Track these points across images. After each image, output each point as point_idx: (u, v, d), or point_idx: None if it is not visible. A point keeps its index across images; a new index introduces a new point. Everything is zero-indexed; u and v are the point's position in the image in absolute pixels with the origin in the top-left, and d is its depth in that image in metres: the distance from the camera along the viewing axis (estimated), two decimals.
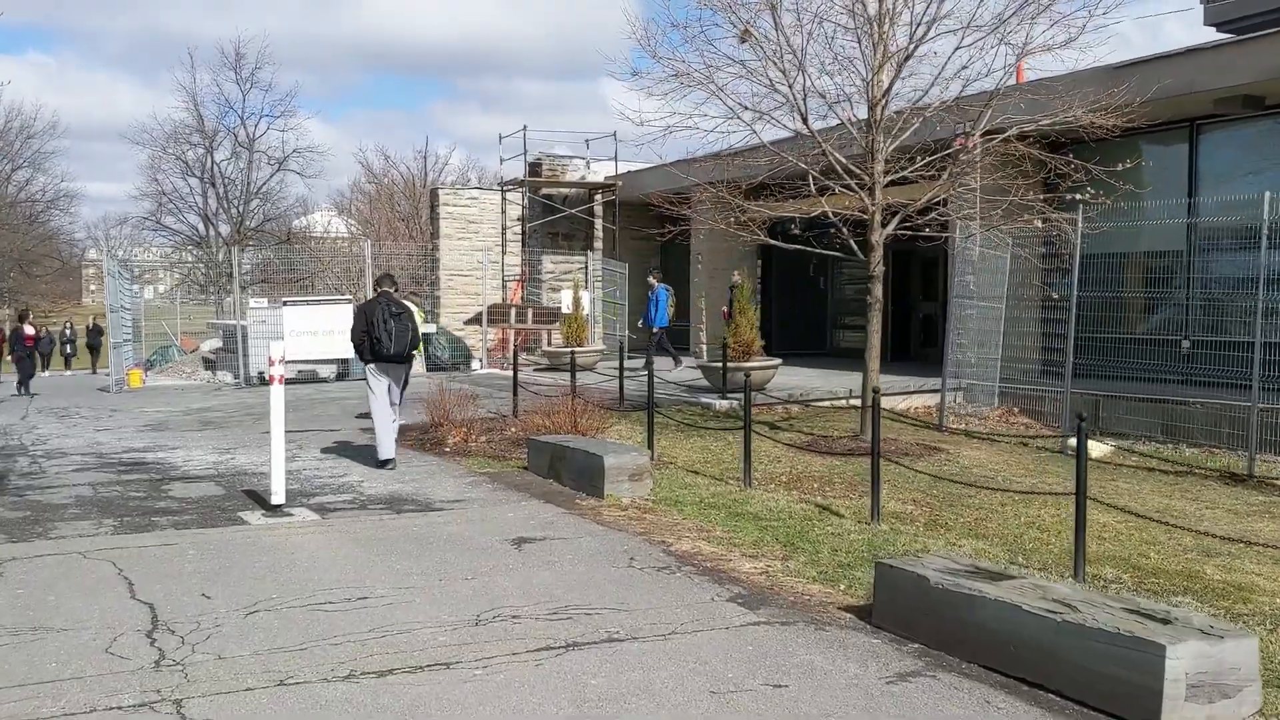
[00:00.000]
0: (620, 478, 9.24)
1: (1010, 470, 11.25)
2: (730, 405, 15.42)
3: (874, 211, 11.94)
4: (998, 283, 15.87)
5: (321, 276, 43.22)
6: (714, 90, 12.08)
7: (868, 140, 11.90)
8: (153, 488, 9.91)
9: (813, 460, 11.37)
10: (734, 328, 16.39)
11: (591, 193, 27.42)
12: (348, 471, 10.73)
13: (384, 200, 60.24)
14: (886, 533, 8.15)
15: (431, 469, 10.84)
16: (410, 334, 11.17)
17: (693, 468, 10.94)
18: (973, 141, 11.78)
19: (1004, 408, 16.17)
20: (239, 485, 10.03)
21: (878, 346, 12.54)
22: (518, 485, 9.90)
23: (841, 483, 10.19)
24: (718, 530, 8.15)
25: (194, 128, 62.31)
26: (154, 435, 13.88)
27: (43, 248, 68.48)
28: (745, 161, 12.96)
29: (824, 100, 12.10)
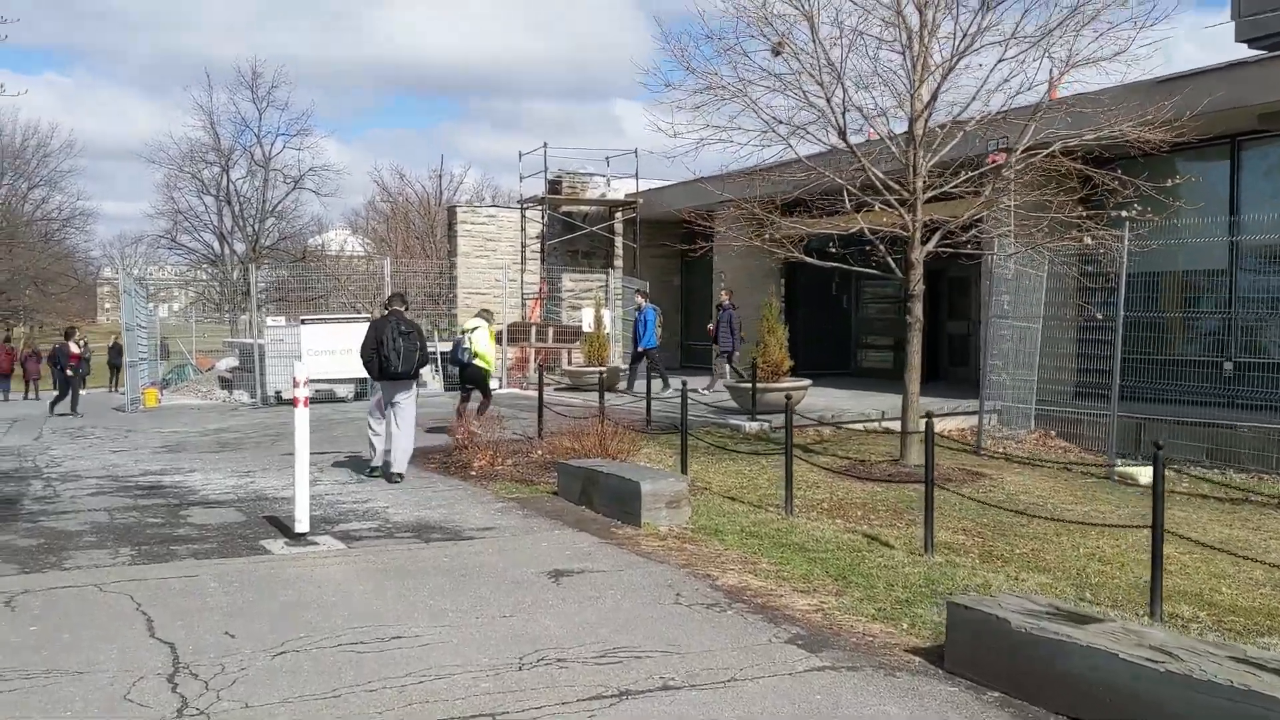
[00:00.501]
0: (658, 505, 8.85)
1: (1058, 497, 10.81)
2: (761, 427, 15.03)
3: (914, 228, 11.55)
4: (1034, 302, 15.46)
5: (337, 294, 43.02)
6: (748, 103, 11.73)
7: (907, 155, 11.52)
8: (171, 513, 9.55)
9: (853, 486, 10.95)
10: (763, 348, 16.00)
11: (612, 210, 27.11)
12: (372, 496, 10.35)
13: (399, 219, 60.13)
14: (942, 565, 7.73)
15: (458, 494, 10.46)
16: (418, 353, 11.38)
17: (729, 493, 10.54)
18: (1014, 157, 11.38)
19: (1040, 431, 15.74)
20: (260, 511, 9.67)
21: (918, 368, 12.12)
22: (549, 512, 9.51)
23: (886, 510, 9.78)
24: (764, 562, 7.75)
25: (210, 146, 62.34)
26: (171, 457, 13.55)
27: (58, 266, 68.52)
28: (779, 177, 12.59)
29: (861, 115, 11.74)
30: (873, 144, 11.99)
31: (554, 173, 26.78)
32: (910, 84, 11.46)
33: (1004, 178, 11.49)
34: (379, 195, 64.10)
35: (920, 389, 19.56)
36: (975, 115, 11.68)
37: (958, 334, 22.23)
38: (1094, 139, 11.43)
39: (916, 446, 12.07)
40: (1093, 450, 14.67)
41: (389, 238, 55.25)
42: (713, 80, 11.87)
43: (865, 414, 16.02)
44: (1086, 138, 11.49)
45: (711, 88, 11.79)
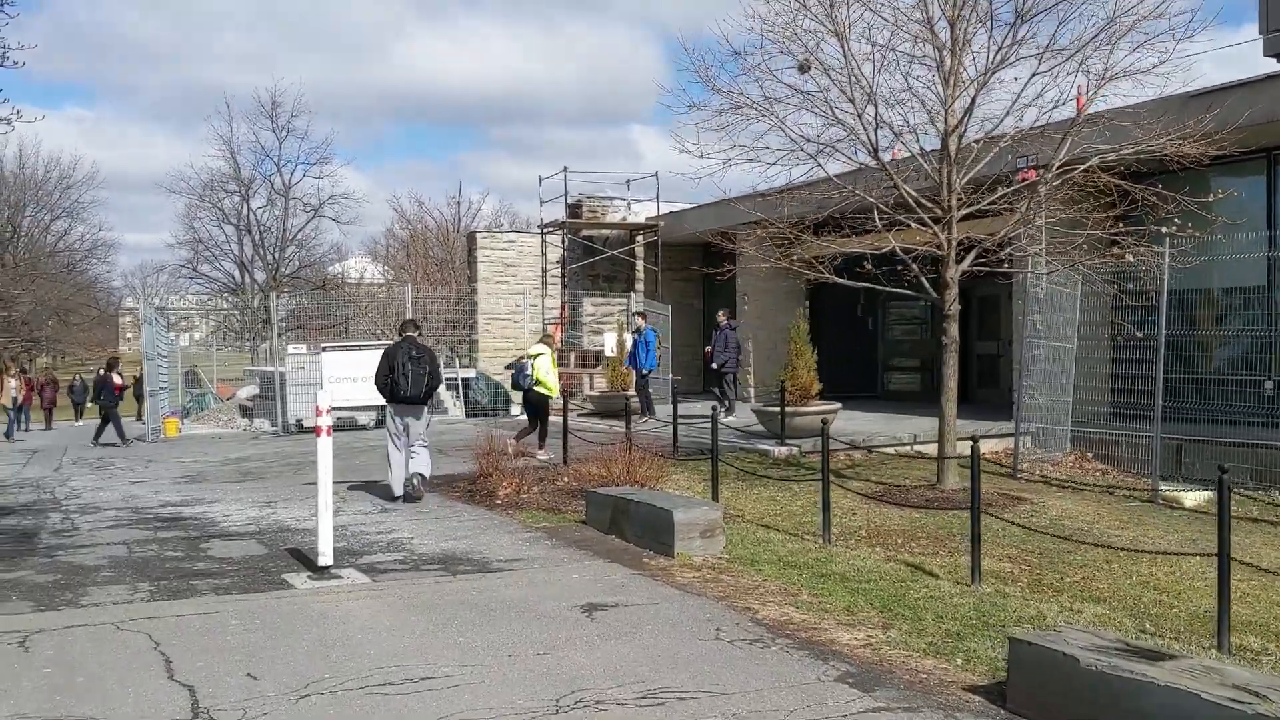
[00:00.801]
0: (691, 534, 8.56)
1: (1103, 523, 10.45)
2: (790, 452, 14.71)
3: (948, 247, 11.26)
4: (1067, 321, 15.13)
5: (357, 322, 42.93)
6: (776, 122, 11.50)
7: (940, 172, 11.25)
8: (191, 546, 9.31)
9: (889, 513, 10.62)
10: (791, 370, 15.70)
11: (633, 234, 26.92)
12: (395, 527, 10.09)
13: (418, 246, 60.17)
14: (991, 596, 7.41)
15: (484, 523, 10.19)
16: (427, 378, 11.64)
17: (762, 521, 10.24)
18: (1050, 172, 11.09)
19: (1077, 453, 15.36)
20: (282, 543, 9.42)
21: (954, 390, 11.81)
22: (578, 542, 9.23)
23: (927, 538, 9.45)
24: (804, 594, 7.44)
25: (230, 175, 62.63)
26: (191, 488, 13.33)
27: (79, 296, 68.89)
28: (808, 196, 12.34)
29: (892, 131, 11.48)
30: (904, 161, 11.72)
31: (574, 197, 26.62)
32: (943, 99, 11.21)
33: (1039, 194, 11.19)
34: (398, 223, 64.22)
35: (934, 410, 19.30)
36: (1009, 131, 11.41)
37: (987, 354, 21.88)
38: (1132, 153, 11.13)
39: (954, 471, 11.76)
40: (1132, 472, 14.29)
41: (408, 265, 55.27)
42: (739, 99, 11.64)
43: (897, 438, 15.68)
44: (1124, 152, 11.19)
45: (738, 107, 11.57)
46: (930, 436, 16.06)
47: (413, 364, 11.54)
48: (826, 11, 11.11)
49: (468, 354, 29.17)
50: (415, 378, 11.52)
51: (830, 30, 11.19)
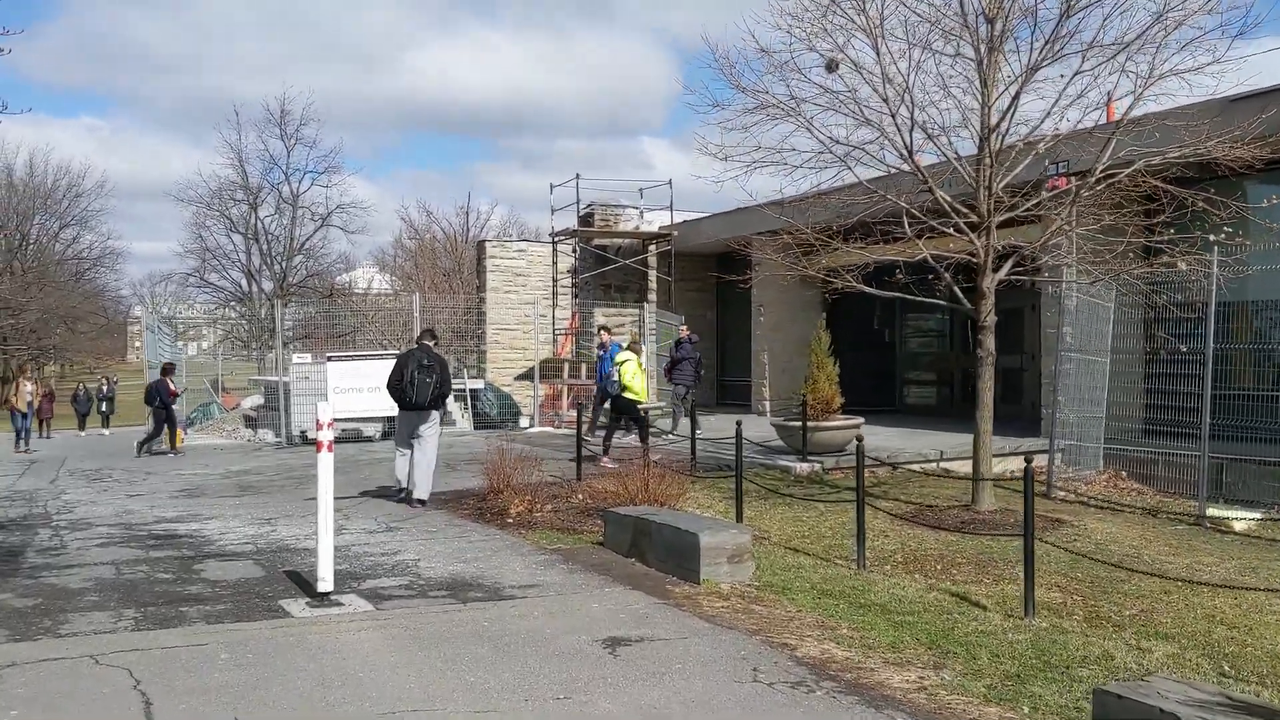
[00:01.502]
0: (718, 559, 7.97)
1: (1152, 548, 9.85)
2: (813, 469, 14.13)
3: (985, 255, 10.69)
4: (1100, 334, 14.54)
5: (365, 332, 42.43)
6: (803, 122, 10.94)
7: (977, 176, 10.68)
8: (183, 567, 8.75)
9: (924, 535, 10.03)
10: (812, 384, 15.12)
11: (645, 243, 26.37)
12: (401, 547, 9.51)
13: (426, 256, 59.77)
14: (1048, 631, 6.81)
15: (495, 545, 9.61)
16: (433, 387, 11.90)
17: (790, 544, 9.65)
18: (1094, 176, 10.51)
19: (1110, 471, 14.76)
20: (280, 564, 8.84)
21: (990, 405, 11.22)
22: (596, 565, 8.64)
23: (967, 563, 8.85)
24: (844, 628, 6.85)
25: (239, 184, 62.29)
26: (188, 503, 12.77)
27: (87, 305, 68.59)
28: (840, 199, 11.76)
29: (925, 134, 10.90)
30: (938, 165, 11.15)
31: (586, 205, 26.09)
32: (981, 98, 10.65)
33: (1081, 198, 10.61)
34: (406, 232, 63.90)
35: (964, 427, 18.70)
36: (1047, 133, 10.84)
37: (1010, 368, 21.22)
38: (1178, 157, 10.54)
39: (990, 491, 11.16)
40: (1170, 493, 13.69)
41: (416, 275, 54.85)
42: (763, 99, 11.08)
43: (922, 454, 15.09)
44: (1171, 155, 10.60)
45: (763, 106, 11.01)
46: (956, 453, 15.50)
47: (422, 371, 11.85)
48: (858, 7, 10.57)
49: (476, 365, 28.63)
50: (421, 385, 11.82)
51: (860, 27, 10.64)
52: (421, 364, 11.89)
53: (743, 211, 23.73)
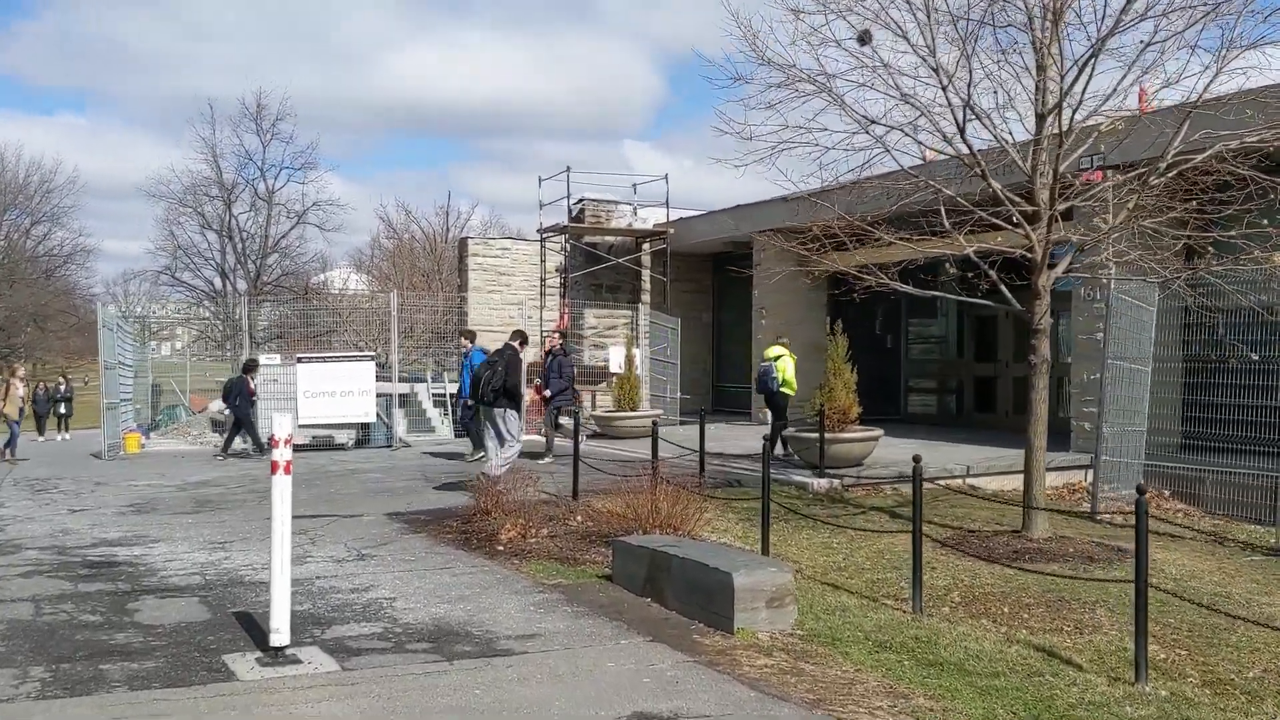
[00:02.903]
0: (755, 603, 6.67)
1: (1238, 585, 8.60)
2: (831, 485, 12.86)
3: (1041, 249, 9.44)
4: (1141, 340, 13.35)
5: (341, 333, 40.94)
6: (835, 98, 9.67)
7: (1033, 162, 9.44)
8: (115, 606, 7.37)
9: (976, 568, 8.75)
10: (828, 392, 13.86)
11: (639, 241, 25.07)
12: (375, 581, 8.16)
13: (404, 256, 58.32)
14: (1171, 702, 5.54)
15: (484, 579, 8.27)
16: (492, 383, 12.65)
17: (826, 578, 8.36)
18: (1165, 162, 9.28)
19: (1151, 490, 13.53)
20: (230, 602, 7.48)
21: (1043, 417, 9.94)
22: (605, 607, 7.32)
23: (1038, 605, 7.57)
24: (919, 695, 5.57)
25: (213, 180, 60.61)
26: (136, 520, 11.37)
27: (58, 303, 66.75)
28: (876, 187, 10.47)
29: (972, 113, 9.63)
30: (984, 152, 9.87)
31: (576, 201, 24.75)
32: (1035, 77, 9.42)
33: (1152, 186, 9.36)
34: (384, 232, 62.39)
35: (978, 437, 17.55)
36: (1108, 115, 9.62)
37: (1024, 376, 20.00)
38: (1260, 141, 9.30)
39: (1044, 516, 9.90)
40: (1222, 515, 12.51)
41: (394, 275, 53.38)
42: (792, 73, 9.80)
43: (946, 469, 13.83)
44: (1249, 139, 9.37)
45: (791, 81, 9.73)
46: (983, 468, 14.25)
47: (488, 369, 12.82)
48: None
49: (457, 367, 27.26)
50: (485, 381, 12.76)
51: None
52: (490, 360, 12.98)
53: (745, 208, 22.55)
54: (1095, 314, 14.73)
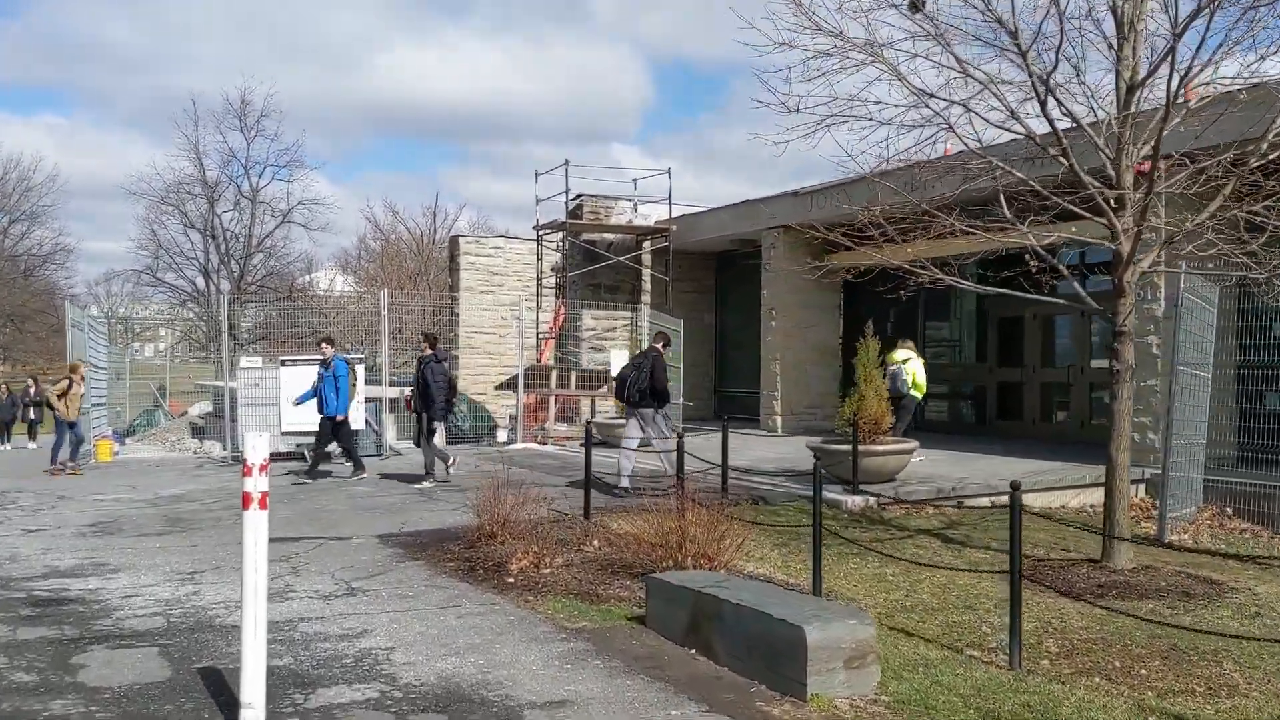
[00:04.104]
0: (831, 663, 5.51)
1: None
2: (866, 503, 11.71)
3: (1131, 241, 8.31)
4: (1202, 345, 12.24)
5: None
6: (890, 68, 8.53)
7: (1119, 141, 8.31)
8: (58, 661, 6.16)
9: (1061, 607, 7.61)
10: (859, 399, 12.71)
11: (640, 239, 23.89)
12: (368, 624, 6.96)
13: (391, 258, 57.03)
14: None
15: (496, 620, 7.08)
16: (638, 384, 12.99)
17: (893, 619, 7.21)
18: (1266, 142, 8.15)
19: (1212, 507, 12.46)
20: (196, 654, 6.28)
21: (1127, 432, 8.81)
22: (642, 660, 6.15)
23: (1152, 657, 6.43)
24: None
25: (196, 178, 59.14)
26: (97, 543, 10.14)
27: (36, 303, 65.21)
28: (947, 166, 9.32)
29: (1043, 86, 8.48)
30: (1074, 131, 8.71)
31: (574, 196, 23.55)
32: (1117, 46, 8.30)
33: (1246, 169, 8.24)
34: (370, 232, 61.10)
35: (1008, 449, 16.45)
36: (1199, 89, 8.50)
37: (1055, 382, 18.94)
38: None
39: (1127, 545, 8.76)
40: None
41: (381, 276, 52.07)
42: (840, 42, 8.64)
43: (990, 485, 12.69)
44: None
45: (841, 49, 8.58)
46: (1030, 483, 13.07)
47: (633, 370, 13.16)
48: None
49: None
50: (630, 382, 13.05)
51: None
52: (635, 362, 13.32)
53: (753, 202, 21.41)
54: (1146, 315, 13.64)
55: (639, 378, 12.93)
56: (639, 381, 12.92)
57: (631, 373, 13.11)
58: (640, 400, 12.98)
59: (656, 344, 13.66)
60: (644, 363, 13.11)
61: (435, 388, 14.39)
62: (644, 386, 12.90)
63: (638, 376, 12.96)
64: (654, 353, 13.37)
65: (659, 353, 13.42)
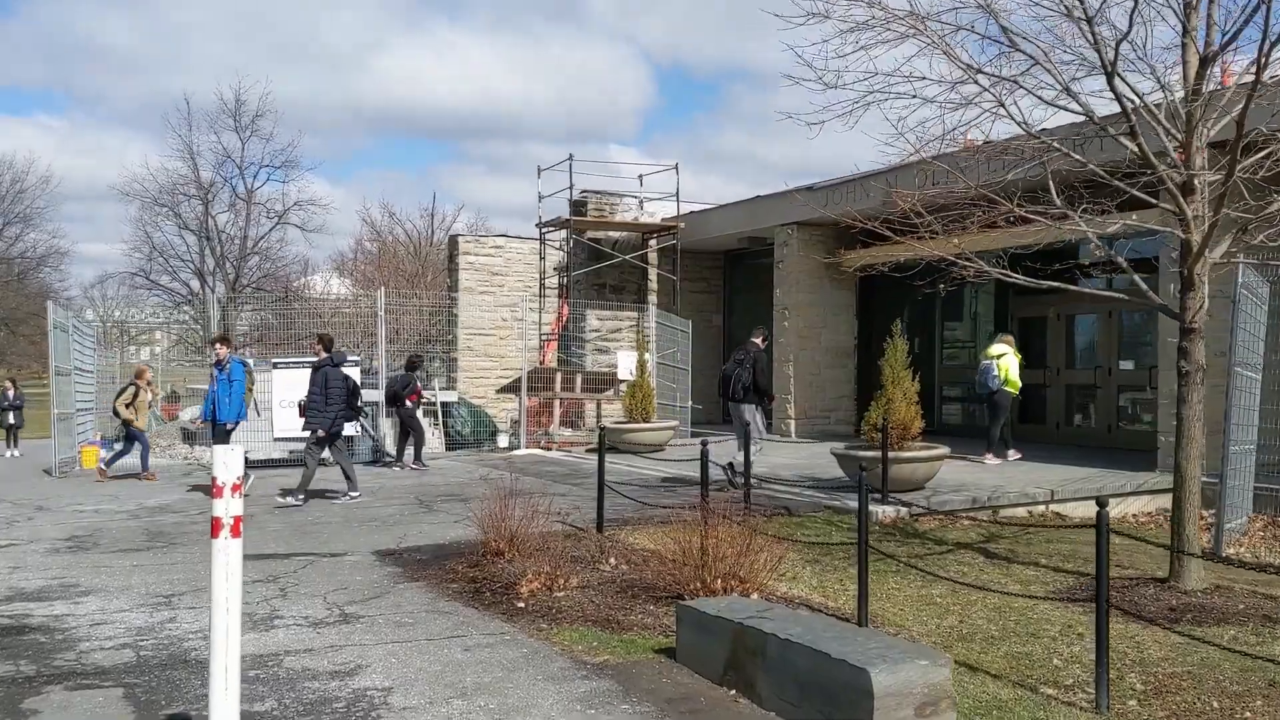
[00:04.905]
0: (901, 710, 4.74)
1: None
2: (897, 514, 10.95)
3: (1199, 228, 7.55)
4: (1253, 342, 11.48)
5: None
6: (936, 40, 7.77)
7: (1189, 121, 7.55)
8: (6, 703, 5.39)
9: (1136, 634, 6.84)
10: (886, 402, 11.96)
11: (646, 237, 23.11)
12: (363, 658, 6.18)
13: (387, 259, 56.24)
14: None
15: (507, 654, 6.30)
16: (742, 380, 12.92)
17: (951, 649, 6.40)
18: None
19: (1263, 517, 11.71)
20: (168, 696, 5.51)
21: (1200, 439, 8.03)
22: (676, 704, 5.38)
23: (1252, 695, 5.66)
24: None
25: (189, 179, 58.27)
26: (69, 561, 9.36)
27: (30, 305, 64.35)
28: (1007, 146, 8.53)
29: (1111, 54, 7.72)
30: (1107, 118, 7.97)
31: (579, 192, 22.77)
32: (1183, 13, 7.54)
33: None
34: (367, 234, 60.29)
35: (1034, 454, 15.70)
36: None
37: (1080, 384, 18.18)
38: None
39: (1199, 563, 7.99)
40: None
41: (377, 278, 51.26)
42: (877, 12, 7.89)
43: (1027, 494, 11.95)
44: None
45: (879, 18, 7.82)
46: (1068, 491, 12.29)
47: (736, 365, 13.05)
48: None
49: (445, 374, 25.26)
50: (734, 378, 12.96)
51: None
52: (737, 359, 13.10)
53: (766, 199, 20.66)
54: (1236, 309, 12.85)
55: (742, 373, 12.85)
56: (742, 377, 12.83)
57: (735, 368, 13.00)
58: (744, 396, 12.90)
59: (756, 339, 13.50)
60: (746, 358, 13.02)
61: (333, 397, 12.84)
62: (748, 382, 12.83)
63: (741, 372, 12.87)
64: (754, 348, 13.26)
65: (759, 348, 13.34)
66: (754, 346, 13.29)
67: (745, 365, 12.92)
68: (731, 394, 13.04)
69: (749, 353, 13.14)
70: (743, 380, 12.87)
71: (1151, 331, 16.97)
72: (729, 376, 13.06)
